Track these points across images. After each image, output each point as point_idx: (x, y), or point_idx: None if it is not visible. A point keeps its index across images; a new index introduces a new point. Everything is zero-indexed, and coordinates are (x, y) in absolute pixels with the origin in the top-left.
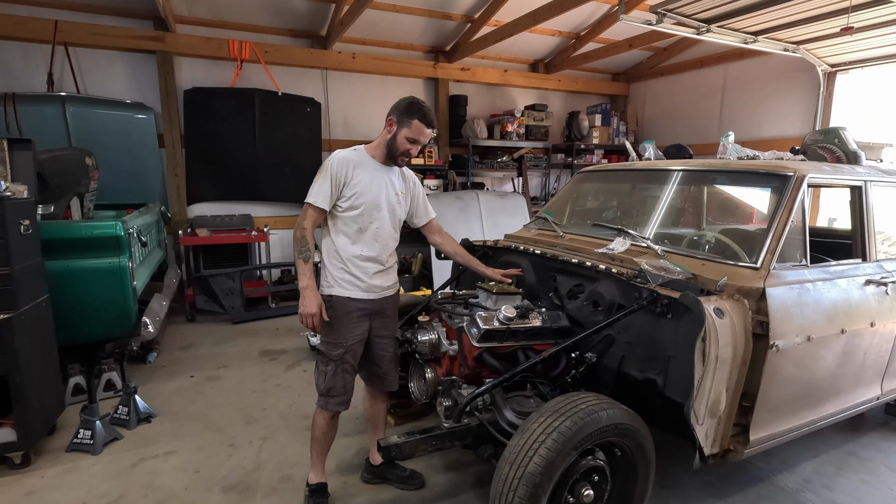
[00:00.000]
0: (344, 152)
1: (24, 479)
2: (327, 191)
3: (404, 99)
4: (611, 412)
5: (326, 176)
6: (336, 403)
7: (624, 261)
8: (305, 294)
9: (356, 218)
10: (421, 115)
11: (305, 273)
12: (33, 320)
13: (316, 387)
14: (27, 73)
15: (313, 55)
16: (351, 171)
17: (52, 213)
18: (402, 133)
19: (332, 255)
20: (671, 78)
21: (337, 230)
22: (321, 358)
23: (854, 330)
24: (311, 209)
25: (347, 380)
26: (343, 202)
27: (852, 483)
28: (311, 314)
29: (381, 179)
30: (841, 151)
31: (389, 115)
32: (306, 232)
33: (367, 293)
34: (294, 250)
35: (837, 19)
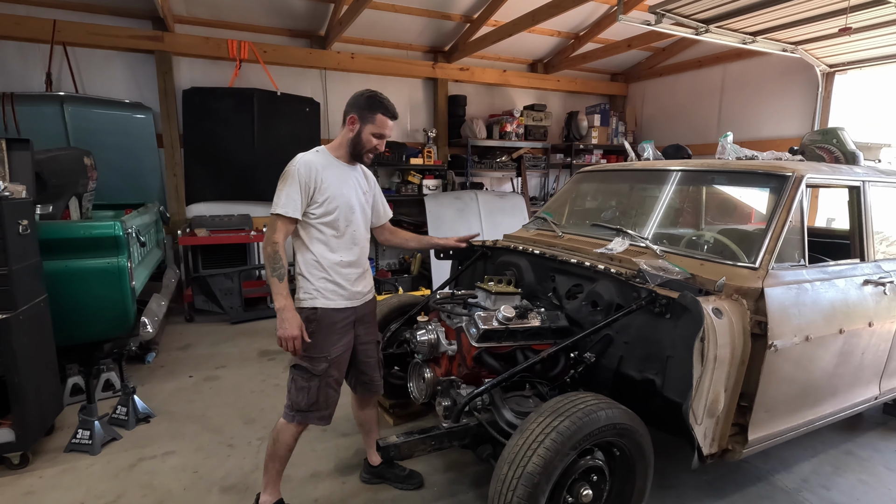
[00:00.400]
0: (307, 155)
1: (23, 480)
2: (297, 198)
3: (361, 93)
4: (609, 412)
5: (294, 182)
6: (317, 418)
7: (623, 261)
8: (284, 315)
9: (332, 223)
10: (383, 108)
11: (282, 292)
12: (31, 320)
13: (293, 403)
14: (25, 73)
15: (312, 55)
16: (319, 174)
17: (50, 213)
18: (366, 130)
19: (311, 265)
20: (670, 78)
21: (312, 238)
22: (301, 373)
23: (852, 330)
24: (282, 221)
25: (331, 395)
26: (315, 208)
27: (850, 483)
28: (292, 336)
29: (349, 180)
30: (839, 152)
31: (349, 112)
32: (278, 247)
33: (350, 301)
34: (266, 268)
35: (836, 20)
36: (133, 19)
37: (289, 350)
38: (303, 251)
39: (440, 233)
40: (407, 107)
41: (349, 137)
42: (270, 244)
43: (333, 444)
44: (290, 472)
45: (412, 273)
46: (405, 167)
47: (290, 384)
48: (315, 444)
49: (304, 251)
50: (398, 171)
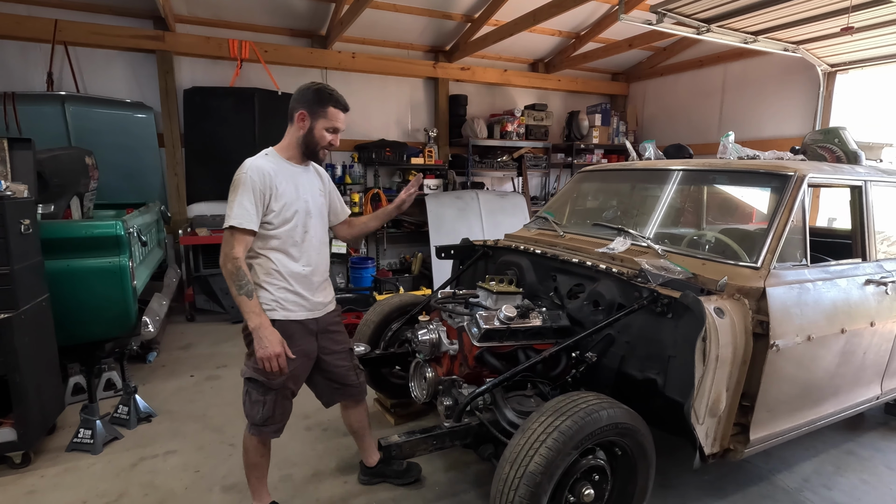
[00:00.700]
0: (257, 160)
1: (24, 479)
2: (251, 209)
3: (307, 87)
4: (611, 412)
5: (247, 192)
6: (273, 431)
7: (624, 260)
8: (262, 333)
9: (290, 232)
10: (333, 100)
11: (255, 310)
12: (33, 320)
13: (248, 416)
14: (27, 73)
15: (313, 55)
16: (273, 179)
17: (51, 212)
18: (318, 125)
19: (270, 275)
20: (671, 78)
21: (270, 248)
22: (255, 387)
23: (854, 329)
24: (239, 234)
25: (286, 406)
26: (273, 217)
27: (851, 482)
28: (275, 354)
29: (303, 183)
30: (841, 151)
31: (296, 108)
32: (240, 262)
33: (311, 312)
34: (231, 287)
35: (837, 19)
36: (134, 19)
37: (273, 370)
38: (262, 261)
39: (441, 233)
40: (408, 106)
41: (300, 136)
42: (230, 261)
43: (335, 443)
44: (291, 472)
45: (413, 273)
46: (406, 167)
47: (244, 397)
48: (316, 444)
49: (262, 260)
50: (399, 171)
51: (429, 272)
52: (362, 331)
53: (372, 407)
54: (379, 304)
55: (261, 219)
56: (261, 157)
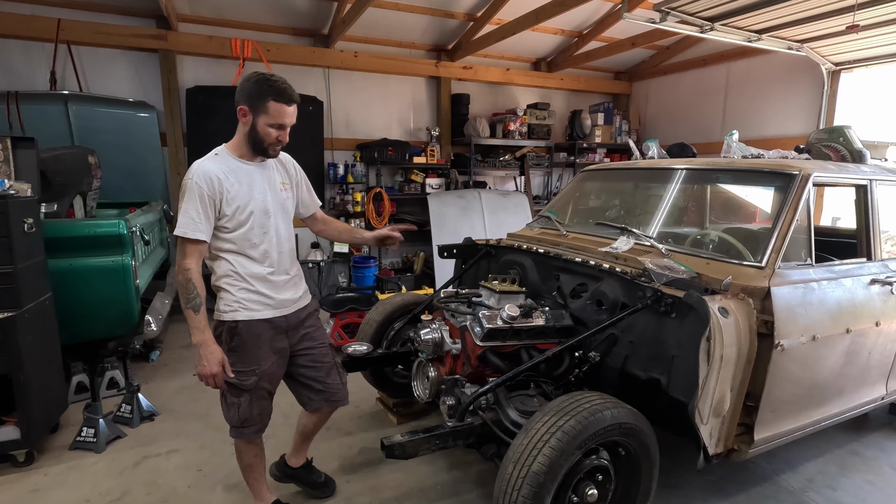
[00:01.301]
0: (204, 163)
1: (28, 477)
2: (199, 217)
3: (248, 79)
4: (615, 411)
5: (193, 198)
6: (253, 432)
7: (628, 260)
8: (202, 351)
9: (246, 234)
10: (274, 93)
11: (199, 325)
12: (36, 319)
13: (227, 420)
14: (30, 72)
15: (315, 54)
16: (222, 183)
17: (55, 211)
18: (260, 122)
19: (230, 276)
20: (674, 76)
21: (227, 250)
22: (230, 389)
23: (859, 329)
24: (190, 244)
25: (264, 406)
26: (226, 222)
27: (856, 483)
28: (212, 374)
29: (258, 180)
30: (846, 150)
31: (238, 103)
32: (191, 273)
33: (277, 311)
34: (181, 299)
35: (842, 17)
36: (137, 18)
37: (210, 386)
38: (218, 262)
39: (443, 232)
40: (410, 105)
41: (246, 132)
42: (181, 272)
43: (337, 442)
44: None
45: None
46: (408, 166)
47: (220, 401)
48: (319, 443)
49: (222, 263)
50: (401, 170)
51: (431, 271)
52: (365, 330)
53: (374, 406)
54: (381, 304)
55: (213, 224)
56: (209, 159)
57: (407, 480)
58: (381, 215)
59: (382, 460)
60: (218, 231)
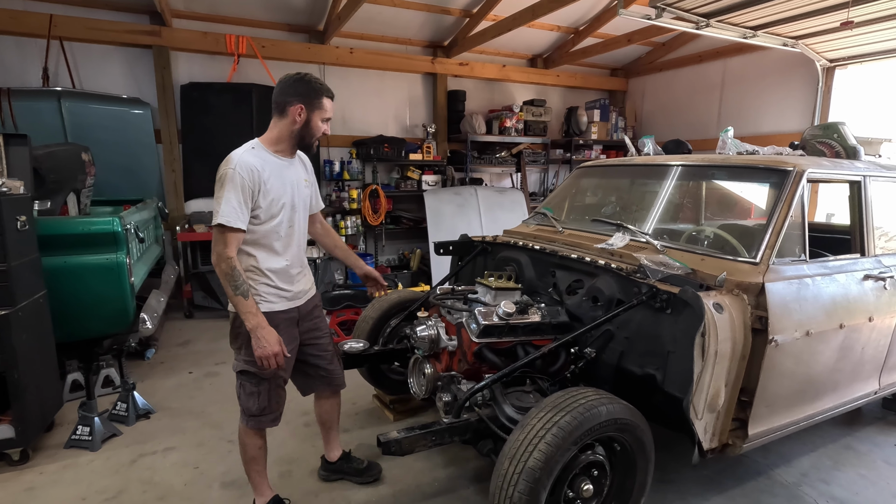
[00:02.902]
0: (245, 155)
1: (23, 476)
2: (239, 206)
3: (298, 79)
4: (610, 407)
5: (235, 189)
6: (270, 420)
7: (623, 256)
8: (260, 333)
9: (276, 227)
10: (326, 91)
11: (251, 310)
12: (30, 317)
13: (244, 409)
14: (22, 68)
15: (311, 50)
16: (261, 175)
17: (48, 209)
18: (315, 117)
19: (250, 271)
20: (670, 73)
21: (252, 242)
22: (249, 379)
23: (852, 325)
24: (231, 233)
25: (280, 395)
26: (260, 213)
27: (849, 477)
28: (274, 353)
29: (288, 176)
30: (840, 146)
31: (290, 103)
32: (234, 262)
33: (293, 302)
34: (226, 287)
35: (837, 14)
36: (130, 14)
37: (270, 367)
38: (241, 256)
39: (439, 229)
40: (406, 102)
41: (295, 129)
42: (224, 261)
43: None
44: (290, 469)
45: (412, 269)
46: (404, 163)
47: (238, 390)
48: (315, 440)
49: (244, 257)
50: (397, 167)
51: (427, 268)
52: (361, 327)
53: (370, 403)
54: (378, 301)
55: (249, 215)
56: (247, 152)
57: (404, 477)
58: (378, 212)
59: (379, 457)
60: (249, 222)
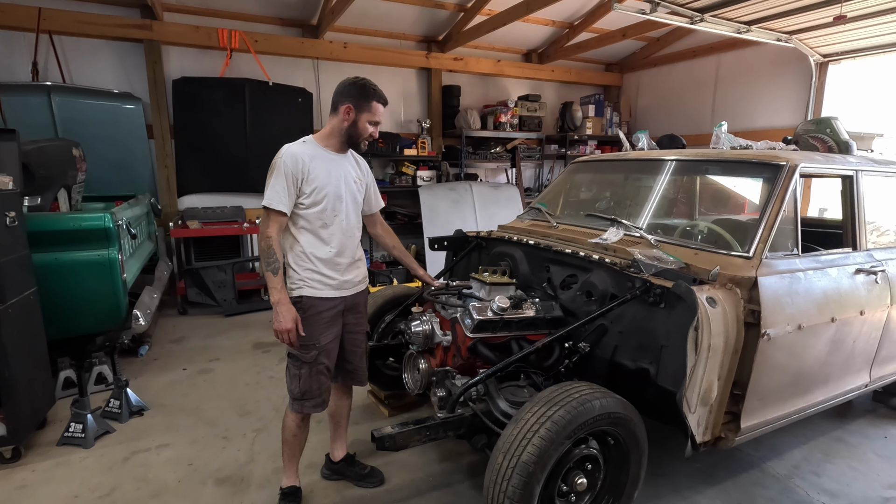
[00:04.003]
0: (293, 146)
1: (15, 474)
2: (283, 192)
3: (353, 82)
4: (604, 401)
5: (280, 175)
6: (312, 406)
7: (617, 251)
8: (279, 309)
9: (320, 214)
10: (377, 96)
11: (276, 286)
12: (21, 313)
13: (289, 391)
14: (10, 62)
15: (304, 44)
16: (306, 164)
17: (38, 204)
18: (363, 118)
19: (298, 256)
20: (664, 68)
21: (300, 228)
22: (293, 361)
23: (844, 318)
24: (274, 214)
25: (323, 381)
26: (304, 199)
27: (840, 469)
28: (286, 329)
29: (338, 169)
30: (833, 141)
31: (342, 102)
32: (272, 241)
33: (339, 291)
34: (262, 262)
35: (830, 8)
36: (120, 7)
37: (284, 342)
38: (291, 242)
39: (434, 225)
40: (400, 97)
41: (343, 127)
42: (264, 238)
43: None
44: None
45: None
46: (399, 158)
47: (286, 373)
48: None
49: (292, 242)
50: (392, 163)
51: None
52: None
53: (365, 399)
54: (372, 296)
55: (294, 201)
56: (298, 144)
57: (398, 472)
58: None
59: (374, 452)
60: (296, 208)
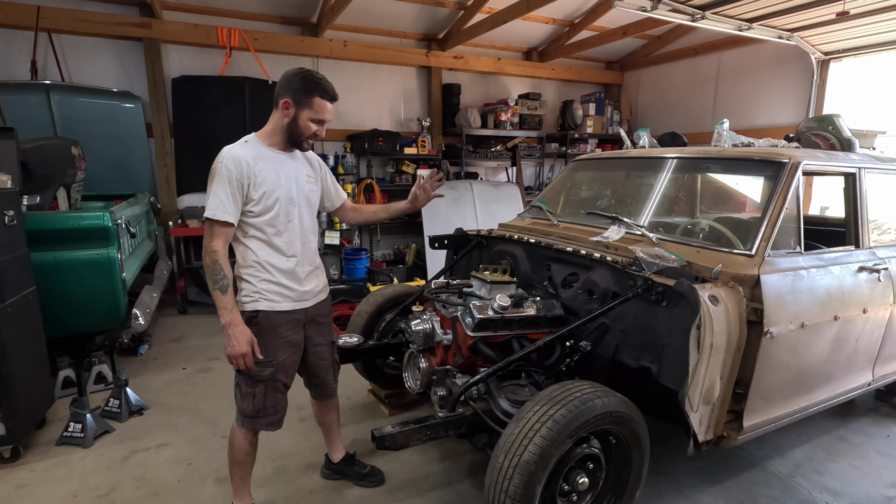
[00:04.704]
0: (235, 148)
1: (14, 473)
2: (228, 200)
3: (295, 73)
4: (605, 400)
5: (223, 181)
6: (266, 424)
7: (619, 249)
8: (232, 332)
9: (272, 221)
10: (320, 90)
11: (227, 306)
12: (20, 313)
13: (239, 409)
14: (9, 61)
15: (304, 43)
16: (251, 167)
17: (37, 203)
18: (303, 115)
19: (251, 266)
20: (665, 66)
21: (251, 238)
22: (245, 379)
23: (847, 316)
24: (218, 226)
25: (279, 399)
26: (253, 206)
27: (843, 468)
28: (241, 353)
29: (287, 169)
30: (835, 139)
31: (281, 95)
32: (218, 255)
33: (298, 303)
34: (208, 280)
35: (832, 5)
36: (120, 5)
37: (240, 367)
38: (242, 251)
39: (435, 223)
40: (400, 95)
41: (284, 123)
42: (209, 254)
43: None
44: (285, 464)
45: (407, 263)
46: (399, 157)
47: (235, 389)
48: (310, 435)
49: (244, 251)
50: (392, 161)
51: (423, 263)
52: (356, 321)
53: (366, 398)
54: (372, 295)
55: (241, 208)
56: (239, 145)
57: (399, 471)
58: None
59: (374, 451)
60: (244, 216)
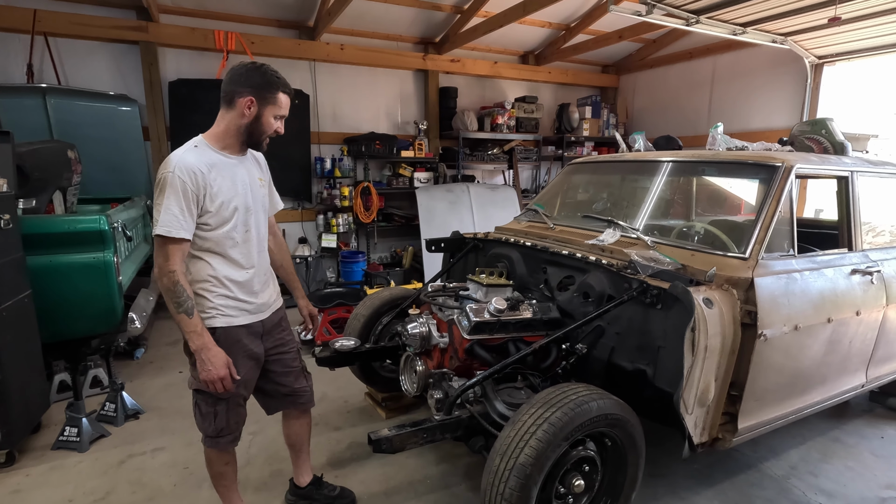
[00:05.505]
0: (187, 156)
1: (9, 478)
2: (185, 214)
3: (253, 69)
4: (601, 403)
5: (175, 194)
6: (228, 442)
7: (614, 252)
8: (206, 355)
9: (229, 233)
10: (282, 85)
11: (195, 329)
12: (15, 316)
13: (201, 430)
14: (6, 64)
15: (301, 46)
16: (206, 177)
17: (33, 207)
18: (267, 112)
19: (207, 281)
20: (661, 70)
21: (207, 250)
22: (204, 399)
23: (840, 319)
24: (173, 244)
25: (241, 414)
26: (209, 218)
27: (837, 469)
28: (220, 377)
29: (240, 175)
30: (828, 142)
31: (240, 93)
32: (177, 276)
33: (256, 315)
34: (169, 304)
35: (825, 10)
36: (116, 9)
37: (219, 391)
38: (197, 264)
39: (432, 226)
40: (397, 99)
41: (243, 123)
42: (166, 274)
43: (326, 437)
44: (281, 467)
45: (404, 266)
46: (396, 160)
47: (194, 409)
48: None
49: (199, 264)
50: (389, 164)
51: (420, 266)
52: (352, 324)
53: (363, 401)
54: (369, 298)
55: (196, 221)
56: (189, 151)
57: (396, 474)
58: (370, 210)
59: (371, 455)
60: (199, 229)
